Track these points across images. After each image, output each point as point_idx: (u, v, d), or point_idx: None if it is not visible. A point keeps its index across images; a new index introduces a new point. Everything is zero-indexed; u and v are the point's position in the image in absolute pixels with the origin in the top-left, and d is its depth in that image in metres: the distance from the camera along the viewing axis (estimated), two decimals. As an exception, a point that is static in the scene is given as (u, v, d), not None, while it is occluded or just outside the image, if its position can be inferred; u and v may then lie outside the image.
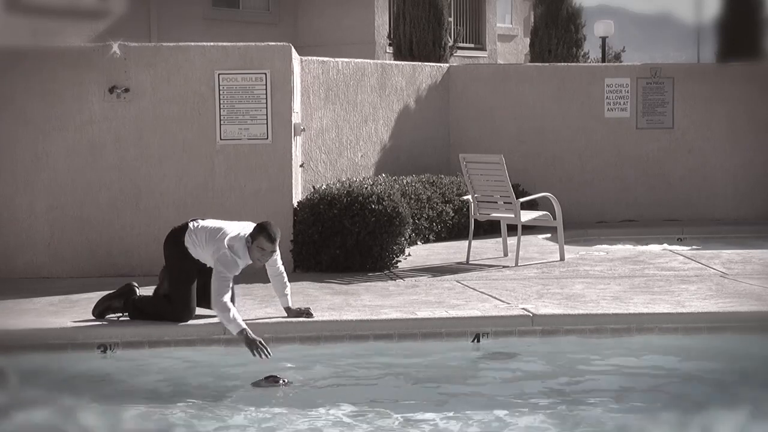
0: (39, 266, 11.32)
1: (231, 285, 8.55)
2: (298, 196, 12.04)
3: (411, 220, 12.11)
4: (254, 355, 8.16)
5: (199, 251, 8.76)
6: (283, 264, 9.00)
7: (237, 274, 8.63)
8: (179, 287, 8.87)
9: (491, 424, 7.00)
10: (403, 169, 14.57)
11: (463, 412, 7.22)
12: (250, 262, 8.65)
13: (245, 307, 9.25)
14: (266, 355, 8.15)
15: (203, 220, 8.96)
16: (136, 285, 9.17)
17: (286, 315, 9.00)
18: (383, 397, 7.66)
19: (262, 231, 8.59)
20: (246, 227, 8.74)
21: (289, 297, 9.01)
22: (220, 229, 8.72)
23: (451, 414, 7.19)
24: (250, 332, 8.23)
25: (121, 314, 9.04)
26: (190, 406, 7.41)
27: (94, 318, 8.99)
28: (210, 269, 8.69)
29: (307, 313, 9.00)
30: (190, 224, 8.88)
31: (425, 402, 7.47)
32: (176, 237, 8.90)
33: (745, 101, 16.01)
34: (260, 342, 8.19)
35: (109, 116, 11.34)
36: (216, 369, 8.38)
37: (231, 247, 8.55)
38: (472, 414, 7.17)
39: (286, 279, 8.99)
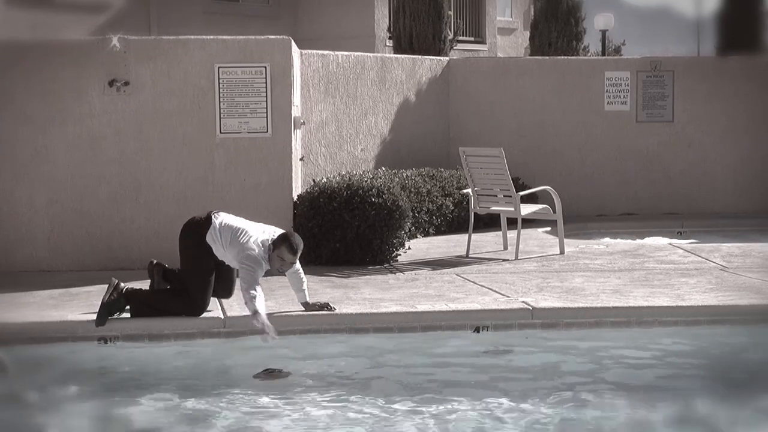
0: (39, 260, 11.31)
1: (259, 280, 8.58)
2: (297, 189, 12.04)
3: (411, 214, 12.11)
4: (261, 336, 8.34)
5: (221, 250, 8.73)
6: None
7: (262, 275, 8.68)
8: (201, 281, 8.79)
9: (490, 417, 7.01)
10: (403, 162, 14.56)
11: (462, 404, 7.23)
12: (269, 267, 8.70)
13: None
14: (272, 338, 8.30)
15: (225, 215, 8.88)
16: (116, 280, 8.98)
17: (283, 309, 9.02)
18: (383, 389, 7.67)
19: (284, 241, 8.62)
20: (270, 232, 8.74)
21: (306, 292, 9.01)
22: (244, 231, 8.69)
23: (450, 406, 7.20)
24: (266, 320, 8.35)
25: (121, 312, 8.92)
26: (190, 398, 7.41)
27: (95, 312, 8.90)
28: (223, 264, 8.77)
29: (327, 307, 8.99)
30: (214, 220, 8.78)
31: (423, 394, 7.47)
32: (198, 233, 8.79)
33: (745, 95, 15.99)
34: (270, 328, 8.35)
35: (109, 110, 11.33)
36: (216, 362, 8.40)
37: (252, 251, 8.56)
38: (471, 406, 7.19)
39: (303, 276, 8.98)
